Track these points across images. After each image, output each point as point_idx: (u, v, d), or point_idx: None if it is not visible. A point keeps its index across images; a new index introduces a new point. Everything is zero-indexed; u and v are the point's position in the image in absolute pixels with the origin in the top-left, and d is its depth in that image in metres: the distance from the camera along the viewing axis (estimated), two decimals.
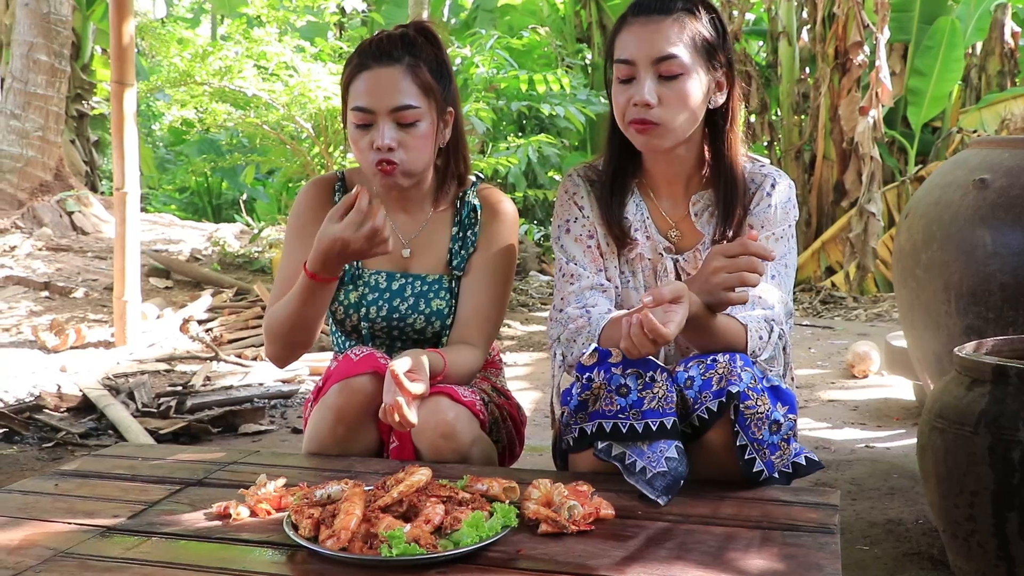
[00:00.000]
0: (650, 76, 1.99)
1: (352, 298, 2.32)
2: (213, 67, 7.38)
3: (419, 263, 2.35)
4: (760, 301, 1.97)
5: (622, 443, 1.82)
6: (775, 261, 2.04)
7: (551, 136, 9.63)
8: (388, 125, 2.17)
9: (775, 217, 2.09)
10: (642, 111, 2.00)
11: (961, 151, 3.43)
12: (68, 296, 7.29)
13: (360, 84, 2.20)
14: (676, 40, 1.99)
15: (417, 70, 2.20)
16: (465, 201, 2.37)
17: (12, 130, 9.46)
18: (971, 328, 2.94)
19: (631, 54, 2.01)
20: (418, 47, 2.23)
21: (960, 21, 9.23)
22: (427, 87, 2.21)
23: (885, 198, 8.65)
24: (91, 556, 1.56)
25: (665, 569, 1.46)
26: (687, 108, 2.01)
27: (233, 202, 14.80)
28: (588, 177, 2.22)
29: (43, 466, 3.61)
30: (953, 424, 2.20)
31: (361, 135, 2.20)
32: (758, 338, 1.90)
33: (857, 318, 7.46)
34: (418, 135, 2.20)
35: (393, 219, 2.36)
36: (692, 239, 2.15)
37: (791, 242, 2.11)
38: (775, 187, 2.10)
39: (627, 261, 2.18)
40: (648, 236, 2.16)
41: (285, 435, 4.13)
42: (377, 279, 2.33)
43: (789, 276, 2.08)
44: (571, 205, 2.21)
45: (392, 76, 2.18)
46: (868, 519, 2.87)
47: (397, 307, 2.31)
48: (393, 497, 1.62)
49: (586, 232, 2.18)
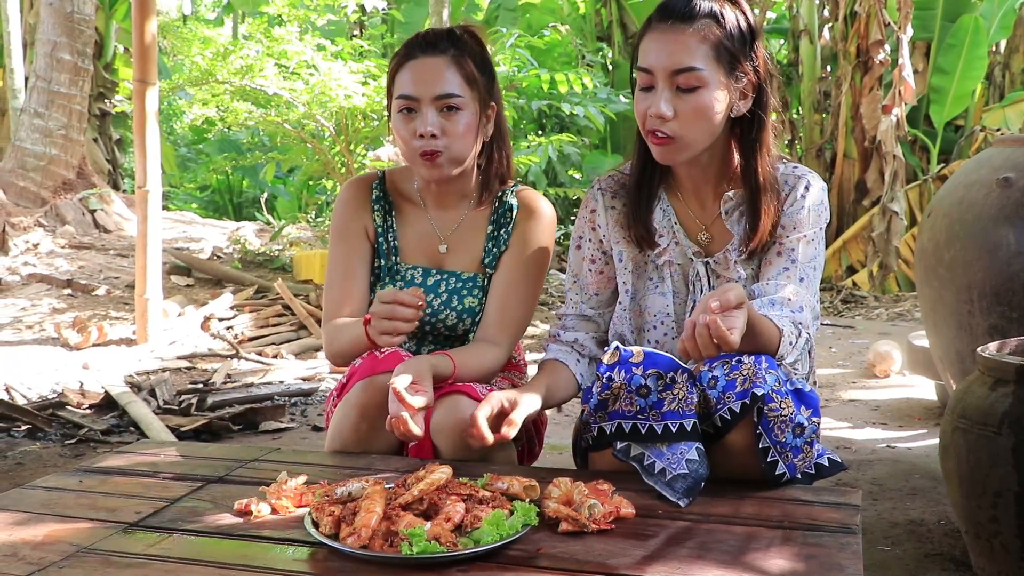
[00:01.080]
0: (667, 88, 1.96)
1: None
2: (234, 66, 7.40)
3: (455, 260, 2.37)
4: (789, 304, 1.96)
5: (641, 444, 1.81)
6: (804, 263, 2.04)
7: (572, 135, 9.62)
8: (431, 112, 2.20)
9: (807, 219, 2.06)
10: (657, 123, 1.97)
11: (984, 150, 3.40)
12: (90, 294, 7.34)
13: (405, 73, 2.24)
14: (695, 51, 1.94)
15: (462, 61, 2.24)
16: (503, 200, 2.38)
17: (36, 128, 9.52)
18: (994, 328, 2.92)
19: (650, 63, 1.98)
20: (463, 42, 2.27)
21: (983, 19, 9.17)
22: (471, 78, 2.24)
23: (907, 197, 8.61)
24: (113, 552, 1.56)
25: (686, 568, 1.45)
26: (704, 121, 1.98)
27: (254, 200, 14.87)
28: (610, 188, 2.22)
29: (66, 463, 3.63)
30: (976, 424, 2.18)
31: (405, 123, 2.23)
32: (788, 343, 1.89)
33: (878, 317, 7.43)
34: (461, 123, 2.22)
35: (432, 214, 2.39)
36: (722, 241, 2.13)
37: (820, 245, 2.09)
38: (809, 189, 2.07)
39: (655, 267, 2.17)
40: (677, 242, 2.15)
41: (305, 433, 4.14)
42: (413, 274, 2.35)
43: (817, 279, 2.07)
44: (586, 223, 2.25)
45: (437, 65, 2.22)
46: (889, 519, 2.86)
47: (431, 303, 2.33)
48: (414, 495, 1.62)
49: (591, 255, 2.24)
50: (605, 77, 11.41)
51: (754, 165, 2.05)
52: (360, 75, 7.51)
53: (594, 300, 2.25)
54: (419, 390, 1.97)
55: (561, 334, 2.25)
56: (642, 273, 2.19)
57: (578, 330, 2.25)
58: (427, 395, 1.98)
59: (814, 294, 2.04)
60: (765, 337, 1.86)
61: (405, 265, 2.36)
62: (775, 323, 1.87)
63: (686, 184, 2.15)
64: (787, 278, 2.02)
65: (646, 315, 2.16)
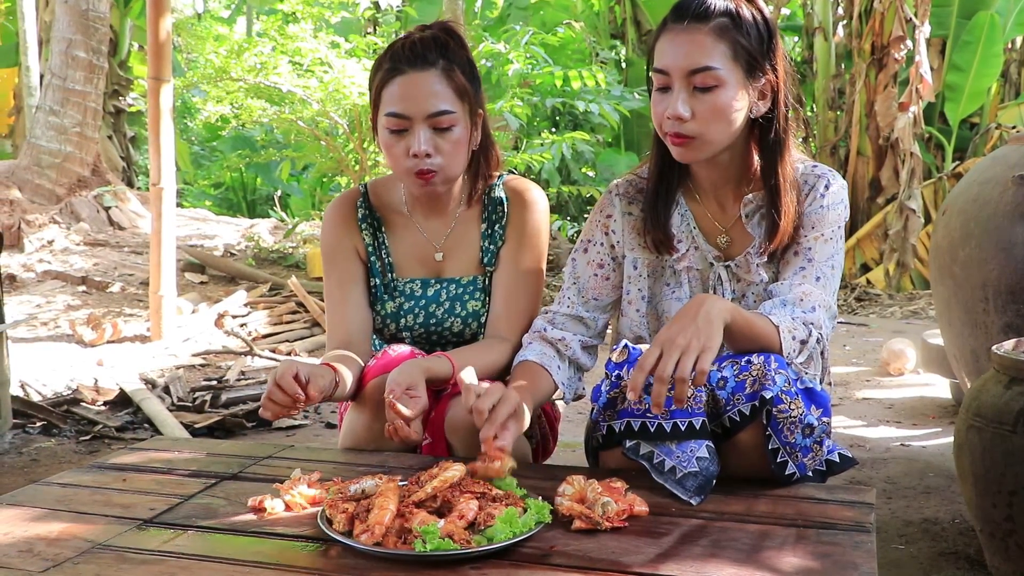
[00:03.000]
0: (684, 88, 1.94)
1: (389, 308, 2.32)
2: (248, 63, 7.42)
3: (452, 266, 2.34)
4: (801, 304, 1.94)
5: (650, 442, 1.81)
6: (822, 262, 2.01)
7: (585, 132, 9.61)
8: (424, 131, 2.14)
9: (826, 218, 2.03)
10: (675, 124, 1.95)
11: (1000, 147, 3.38)
12: (105, 291, 7.37)
13: (394, 89, 2.16)
14: (712, 50, 1.92)
15: (452, 74, 2.17)
16: (492, 195, 2.35)
17: (51, 126, 9.56)
18: (1009, 326, 2.91)
19: (666, 64, 1.95)
20: (451, 50, 2.19)
21: (999, 15, 9.12)
22: (461, 90, 2.18)
23: (922, 195, 8.58)
24: (128, 548, 1.57)
25: (699, 566, 1.45)
26: (722, 121, 1.95)
27: (268, 198, 14.91)
28: (628, 194, 2.19)
29: (80, 459, 3.65)
30: (991, 423, 2.17)
31: (396, 141, 2.17)
32: (791, 339, 1.86)
33: (892, 315, 7.41)
34: (454, 140, 2.17)
35: (423, 224, 2.35)
36: (742, 243, 2.10)
37: (839, 243, 2.06)
38: (828, 188, 2.04)
39: (673, 272, 2.14)
40: (696, 247, 2.12)
41: (319, 430, 4.15)
42: (412, 287, 2.33)
43: (835, 277, 2.03)
44: (598, 227, 2.20)
45: (428, 81, 2.15)
46: (904, 518, 2.85)
47: (433, 312, 2.31)
48: (427, 492, 1.63)
49: (599, 260, 2.20)
50: (619, 74, 11.39)
51: (775, 166, 2.02)
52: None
53: (592, 304, 2.21)
54: (413, 396, 1.95)
55: (548, 330, 2.19)
56: (659, 278, 2.17)
57: (567, 329, 2.21)
58: (420, 401, 1.96)
59: (831, 293, 2.01)
60: (760, 339, 1.84)
61: (402, 280, 2.33)
62: (771, 320, 1.86)
63: (705, 187, 2.12)
64: (803, 277, 1.99)
65: (663, 320, 2.14)
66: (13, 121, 12.32)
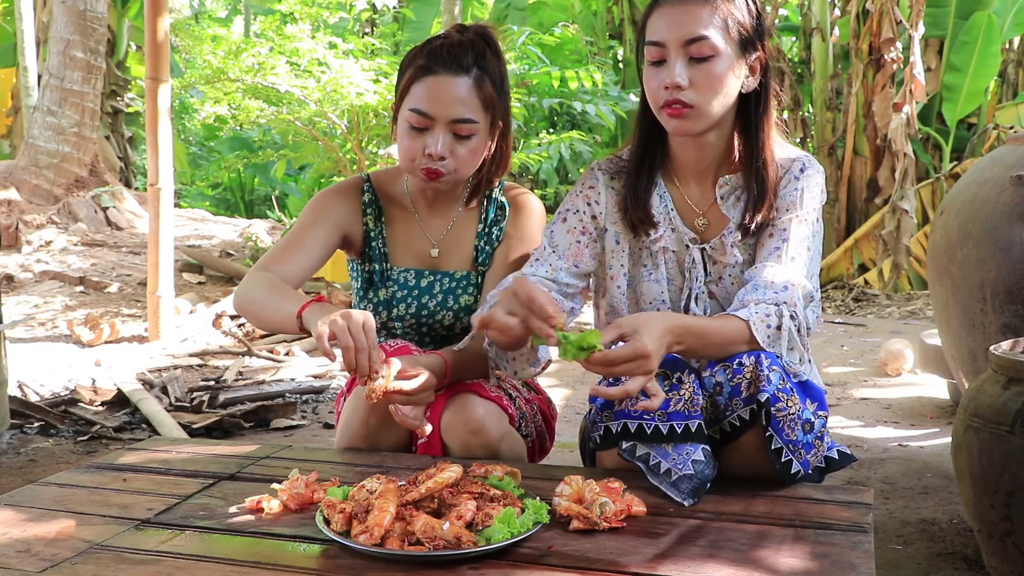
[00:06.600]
0: (681, 58, 1.96)
1: (382, 296, 2.34)
2: (246, 64, 7.43)
3: (447, 260, 2.36)
4: (772, 285, 1.92)
5: (646, 444, 1.81)
6: (797, 242, 2.00)
7: (583, 132, 9.61)
8: (445, 134, 2.16)
9: (801, 199, 2.04)
10: (674, 93, 1.96)
11: (997, 147, 3.39)
12: (102, 291, 7.36)
13: (423, 87, 2.17)
14: (707, 22, 1.95)
15: (483, 83, 2.18)
16: (492, 199, 2.38)
17: (48, 126, 9.55)
18: (1007, 326, 2.91)
19: (662, 36, 1.97)
20: (487, 60, 2.21)
21: (997, 16, 9.12)
22: (489, 102, 2.20)
23: (919, 195, 8.58)
24: (126, 549, 1.57)
25: (697, 567, 1.45)
26: (719, 90, 1.97)
27: (265, 198, 14.92)
28: (610, 170, 2.20)
29: (78, 459, 3.65)
30: (989, 423, 2.17)
31: (414, 137, 2.18)
32: (764, 327, 1.85)
33: (890, 316, 7.41)
34: (471, 147, 2.20)
35: (423, 218, 2.37)
36: (719, 226, 2.11)
37: (816, 226, 2.07)
38: (804, 171, 2.06)
39: (650, 254, 2.14)
40: (673, 228, 2.13)
41: (316, 430, 4.15)
42: (406, 276, 2.34)
43: (813, 260, 2.03)
44: (579, 198, 2.17)
45: (458, 86, 2.16)
46: (901, 518, 2.85)
47: (426, 304, 2.32)
48: (421, 492, 1.62)
49: (581, 226, 2.15)
50: (616, 75, 11.39)
51: (759, 143, 2.05)
52: (371, 73, 7.52)
53: (572, 270, 2.13)
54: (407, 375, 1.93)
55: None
56: (637, 260, 2.16)
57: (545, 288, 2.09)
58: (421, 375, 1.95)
59: (810, 275, 2.00)
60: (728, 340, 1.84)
61: (397, 268, 2.35)
62: (738, 317, 1.86)
63: (685, 170, 2.13)
64: (777, 258, 1.99)
65: (641, 302, 2.14)
66: (11, 121, 12.31)
